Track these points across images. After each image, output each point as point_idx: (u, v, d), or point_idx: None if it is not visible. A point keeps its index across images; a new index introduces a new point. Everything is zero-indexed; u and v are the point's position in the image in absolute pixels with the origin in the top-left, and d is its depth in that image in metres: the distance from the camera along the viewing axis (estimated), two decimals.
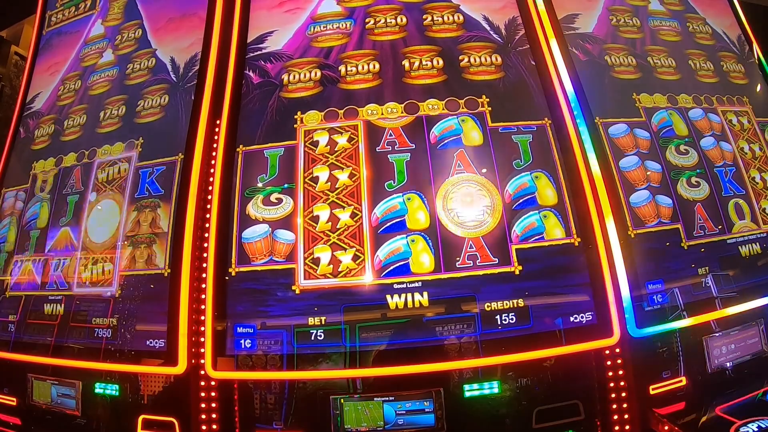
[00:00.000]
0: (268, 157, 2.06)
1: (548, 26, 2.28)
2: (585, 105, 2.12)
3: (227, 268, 1.91)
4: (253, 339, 1.83)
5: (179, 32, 2.44)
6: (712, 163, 2.21)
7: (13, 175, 2.62)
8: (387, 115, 2.09)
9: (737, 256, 2.07)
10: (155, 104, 2.32)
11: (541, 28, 2.27)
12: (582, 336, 1.79)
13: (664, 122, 2.22)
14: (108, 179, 2.26)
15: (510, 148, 2.03)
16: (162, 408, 1.93)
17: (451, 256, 1.86)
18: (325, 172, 2.01)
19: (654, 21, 2.53)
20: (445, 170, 1.99)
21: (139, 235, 2.07)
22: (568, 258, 1.87)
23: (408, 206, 1.93)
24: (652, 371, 1.86)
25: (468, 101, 2.11)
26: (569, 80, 2.16)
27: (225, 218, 1.98)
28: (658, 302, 1.88)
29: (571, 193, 1.95)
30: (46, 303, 2.19)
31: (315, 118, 2.12)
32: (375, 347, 1.79)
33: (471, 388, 1.82)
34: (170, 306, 1.91)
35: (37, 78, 2.82)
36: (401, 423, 1.79)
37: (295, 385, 1.91)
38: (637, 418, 1.82)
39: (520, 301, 1.81)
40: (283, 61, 2.25)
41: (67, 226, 2.28)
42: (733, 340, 1.98)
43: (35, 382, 2.15)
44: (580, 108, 2.11)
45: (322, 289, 1.85)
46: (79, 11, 2.86)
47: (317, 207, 1.96)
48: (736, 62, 2.58)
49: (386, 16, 2.31)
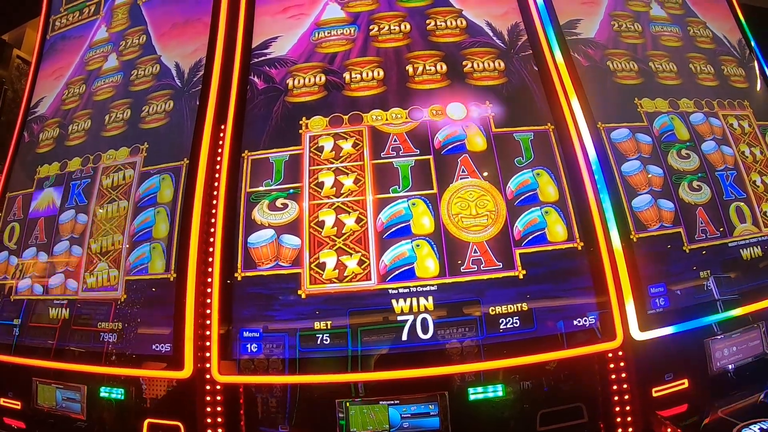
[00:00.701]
0: (273, 162, 2.08)
1: (550, 32, 2.30)
2: (587, 110, 2.14)
3: (233, 272, 1.92)
4: (258, 343, 1.84)
5: (184, 38, 2.45)
6: (714, 166, 2.23)
7: (18, 179, 2.63)
8: (391, 121, 2.11)
9: (739, 259, 2.08)
10: (160, 110, 2.34)
11: (544, 34, 2.29)
12: (585, 339, 1.81)
13: (665, 127, 2.24)
14: (113, 185, 2.27)
15: (512, 147, 2.05)
16: (167, 412, 1.94)
17: (456, 260, 1.88)
18: (330, 177, 2.02)
19: (655, 26, 2.55)
20: (450, 175, 2.00)
21: (145, 239, 2.08)
22: (572, 262, 1.88)
23: (413, 211, 1.95)
24: (655, 374, 1.87)
25: (472, 107, 2.13)
26: (572, 86, 2.18)
27: (231, 223, 1.99)
28: (660, 305, 1.90)
29: (574, 197, 1.97)
30: (51, 307, 2.19)
31: (320, 124, 2.13)
32: (380, 351, 1.80)
33: (475, 392, 1.83)
34: (176, 310, 1.92)
35: (41, 82, 2.83)
36: (406, 426, 1.80)
37: (300, 389, 1.92)
38: (639, 421, 1.83)
39: (524, 304, 1.82)
40: (287, 67, 2.27)
41: (73, 231, 2.29)
42: (734, 343, 1.99)
43: (40, 386, 2.16)
44: (582, 113, 2.12)
45: (327, 294, 1.87)
46: (83, 16, 2.87)
47: (323, 212, 1.97)
48: (737, 66, 2.60)
49: (390, 23, 2.33)
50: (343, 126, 2.12)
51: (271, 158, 2.09)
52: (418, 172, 2.01)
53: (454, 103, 2.14)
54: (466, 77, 2.20)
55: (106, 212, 2.23)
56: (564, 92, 2.15)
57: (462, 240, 1.90)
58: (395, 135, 2.08)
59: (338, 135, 2.10)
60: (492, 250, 1.89)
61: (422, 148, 2.05)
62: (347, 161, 2.05)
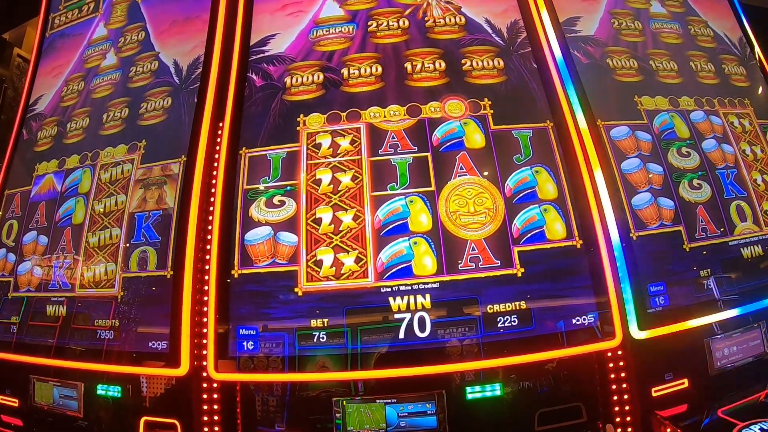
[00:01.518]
0: (270, 160, 2.07)
1: (550, 29, 2.29)
2: (587, 107, 2.12)
3: (230, 270, 1.92)
4: (255, 341, 1.83)
5: (182, 35, 2.45)
6: (714, 165, 2.21)
7: (16, 176, 2.63)
8: (389, 118, 2.10)
9: (739, 258, 2.07)
10: (158, 107, 2.33)
11: (543, 32, 2.28)
12: (584, 338, 1.80)
13: (665, 125, 2.23)
14: (111, 179, 2.27)
15: (510, 144, 2.04)
16: (164, 410, 1.94)
17: (454, 258, 1.87)
18: (327, 174, 2.02)
19: (655, 24, 2.54)
20: (448, 173, 1.99)
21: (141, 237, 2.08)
22: (570, 260, 1.87)
23: (410, 209, 1.94)
24: (655, 373, 1.86)
25: (470, 104, 2.12)
26: (571, 83, 2.17)
27: (227, 220, 1.98)
28: (660, 304, 1.89)
29: (573, 195, 1.96)
30: (48, 304, 2.19)
31: (317, 121, 2.12)
32: (377, 349, 1.79)
33: (473, 391, 1.82)
34: (173, 308, 1.92)
35: (40, 80, 2.83)
36: (403, 425, 1.79)
37: (297, 387, 1.92)
38: (639, 420, 1.82)
39: (522, 303, 1.81)
40: (285, 64, 2.26)
41: (70, 227, 2.28)
42: (735, 342, 1.98)
43: (37, 384, 2.16)
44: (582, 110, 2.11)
45: (324, 292, 1.86)
46: (83, 14, 2.88)
47: (320, 209, 1.96)
48: (738, 64, 2.59)
49: (388, 19, 2.32)
50: (340, 123, 2.11)
51: (269, 155, 2.08)
52: (415, 170, 2.00)
53: (453, 100, 2.13)
54: (465, 75, 2.19)
55: (104, 207, 2.23)
56: (563, 90, 2.14)
57: (460, 238, 1.89)
58: (393, 132, 2.07)
59: (336, 132, 2.09)
60: (490, 248, 1.88)
61: (420, 145, 2.04)
62: (345, 158, 2.04)
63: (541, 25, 2.29)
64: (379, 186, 1.98)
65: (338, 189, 1.99)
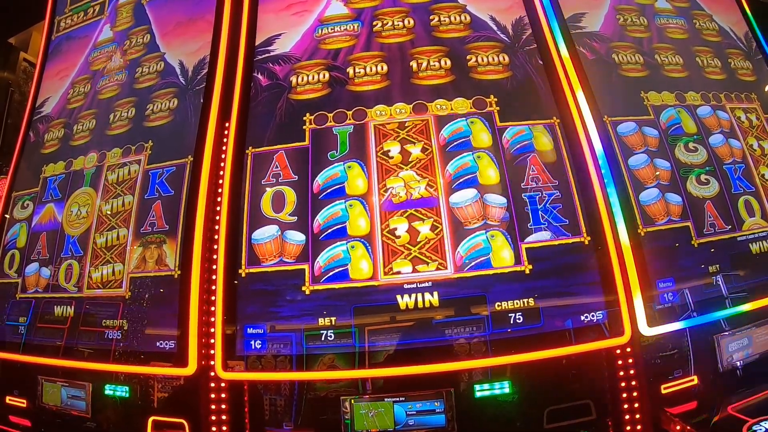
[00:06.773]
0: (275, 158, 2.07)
1: (555, 26, 2.28)
2: (593, 103, 2.12)
3: (237, 269, 1.92)
4: (263, 340, 1.83)
5: (187, 36, 2.46)
6: (721, 160, 2.20)
7: (24, 179, 2.64)
8: (396, 116, 2.10)
9: (748, 254, 2.05)
10: (164, 108, 2.34)
11: (548, 28, 2.27)
12: (593, 335, 1.78)
13: (672, 120, 2.21)
14: (118, 180, 2.28)
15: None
16: (172, 409, 1.94)
17: (461, 256, 1.86)
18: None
19: (661, 19, 2.53)
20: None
21: (149, 237, 2.09)
22: (579, 257, 1.86)
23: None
24: (664, 370, 1.86)
25: (476, 101, 2.11)
26: (577, 79, 2.16)
27: (235, 220, 1.98)
28: (668, 301, 1.87)
29: (581, 192, 1.95)
30: (56, 305, 2.20)
31: (324, 120, 2.12)
32: (385, 347, 1.78)
33: (482, 389, 1.81)
34: (180, 307, 1.92)
35: (47, 82, 2.84)
36: (412, 423, 1.78)
37: (305, 386, 1.92)
38: (648, 418, 1.81)
39: (531, 300, 1.80)
40: (291, 64, 2.27)
41: (77, 228, 2.29)
42: (744, 338, 1.96)
43: (45, 384, 2.17)
44: (588, 107, 2.10)
45: (332, 290, 1.86)
46: (88, 16, 2.89)
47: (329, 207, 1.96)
48: (744, 59, 2.57)
49: (393, 18, 2.32)
50: (347, 122, 2.11)
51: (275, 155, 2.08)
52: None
53: (458, 98, 2.12)
54: (471, 71, 2.19)
55: (111, 207, 2.23)
56: (569, 86, 2.13)
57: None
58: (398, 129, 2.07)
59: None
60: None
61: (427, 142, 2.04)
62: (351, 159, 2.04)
63: (546, 22, 2.28)
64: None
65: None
